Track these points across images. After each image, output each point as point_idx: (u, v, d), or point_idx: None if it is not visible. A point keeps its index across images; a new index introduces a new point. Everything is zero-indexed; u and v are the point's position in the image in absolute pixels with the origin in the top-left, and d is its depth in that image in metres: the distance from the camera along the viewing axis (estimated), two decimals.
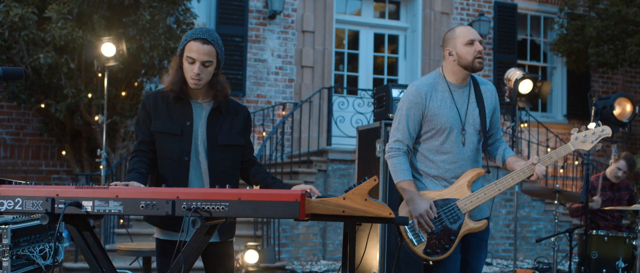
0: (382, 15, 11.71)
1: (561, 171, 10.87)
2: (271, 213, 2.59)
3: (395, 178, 3.46)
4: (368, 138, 5.77)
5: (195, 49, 3.01)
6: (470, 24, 11.48)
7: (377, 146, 5.53)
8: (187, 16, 8.64)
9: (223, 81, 3.16)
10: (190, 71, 3.04)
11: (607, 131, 3.52)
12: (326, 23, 10.82)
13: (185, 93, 3.16)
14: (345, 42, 11.40)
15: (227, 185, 2.71)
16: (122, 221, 7.91)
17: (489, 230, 3.60)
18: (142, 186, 2.89)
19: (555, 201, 5.72)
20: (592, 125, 3.63)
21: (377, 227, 5.46)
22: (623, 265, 5.60)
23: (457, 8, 11.63)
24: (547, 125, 10.99)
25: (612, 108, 7.34)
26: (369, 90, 10.89)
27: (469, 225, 3.43)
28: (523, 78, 7.53)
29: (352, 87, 11.19)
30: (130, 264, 5.21)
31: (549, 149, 10.68)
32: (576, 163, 10.99)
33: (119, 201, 2.63)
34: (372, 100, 10.60)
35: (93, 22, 7.62)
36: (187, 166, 3.12)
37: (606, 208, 6.00)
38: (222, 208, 2.58)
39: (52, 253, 3.49)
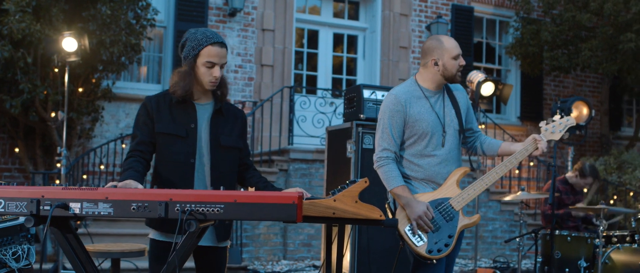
0: (341, 15, 11.73)
1: (517, 172, 11.11)
2: (267, 215, 2.55)
3: (389, 185, 3.54)
4: (338, 138, 5.76)
5: (215, 54, 3.04)
6: (428, 26, 11.62)
7: (348, 146, 5.52)
8: (148, 11, 8.47)
9: (225, 79, 3.20)
10: (209, 75, 3.06)
11: (571, 120, 3.72)
12: (286, 22, 10.77)
13: (188, 95, 3.13)
14: (305, 41, 11.37)
15: (221, 187, 2.67)
16: (79, 221, 7.68)
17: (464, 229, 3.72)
18: (140, 185, 2.81)
19: (518, 207, 5.83)
20: (557, 117, 3.76)
21: (348, 227, 5.46)
22: (585, 265, 5.74)
23: (416, 10, 11.74)
24: (502, 126, 11.21)
25: (570, 111, 7.54)
26: (329, 90, 10.90)
27: (464, 221, 3.58)
28: (485, 81, 7.64)
29: (311, 86, 11.18)
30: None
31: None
32: (531, 164, 11.25)
33: (108, 203, 2.54)
34: (332, 100, 10.63)
35: (51, 16, 7.39)
36: (192, 168, 3.11)
37: (573, 207, 6.14)
38: (217, 210, 2.52)
39: (25, 256, 3.36)
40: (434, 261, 3.51)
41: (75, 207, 2.55)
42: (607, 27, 10.38)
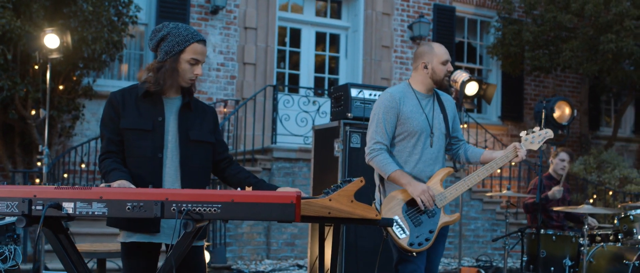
0: (323, 14, 11.71)
1: (498, 171, 11.17)
2: (265, 215, 2.50)
3: (386, 172, 3.67)
4: (325, 137, 5.73)
5: (200, 51, 3.02)
6: (411, 26, 11.65)
7: (336, 145, 5.50)
8: (130, 9, 8.37)
9: None
10: (191, 72, 3.02)
11: (550, 133, 3.96)
12: (269, 20, 10.72)
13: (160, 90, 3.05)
14: (287, 39, 11.33)
15: (212, 186, 2.62)
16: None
17: (448, 227, 3.90)
18: (131, 184, 2.75)
19: (500, 205, 5.85)
20: (536, 128, 3.97)
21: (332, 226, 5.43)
22: (570, 263, 5.78)
23: (398, 9, 11.76)
24: (484, 126, 11.28)
25: (553, 110, 7.58)
26: (311, 89, 10.88)
27: (445, 218, 3.76)
28: (469, 80, 7.67)
29: (293, 85, 11.14)
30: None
31: (487, 149, 10.96)
32: (513, 164, 11.32)
33: (103, 203, 2.49)
34: (314, 99, 10.61)
35: (32, 12, 7.26)
36: (161, 163, 3.01)
37: (556, 209, 6.17)
38: (214, 210, 2.48)
39: (11, 257, 3.28)
40: (414, 254, 3.66)
41: (69, 207, 2.50)
42: (587, 28, 10.48)
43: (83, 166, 8.57)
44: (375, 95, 5.59)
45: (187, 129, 3.06)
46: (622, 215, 5.91)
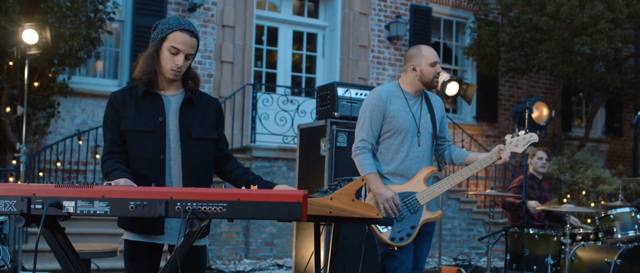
0: (301, 13, 11.68)
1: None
2: (271, 214, 2.47)
3: (362, 171, 3.78)
4: (311, 136, 5.71)
5: (181, 40, 2.88)
6: (388, 26, 11.68)
7: (322, 144, 5.48)
8: (107, 5, 8.24)
9: (195, 72, 3.06)
10: (171, 62, 2.90)
11: (534, 137, 4.01)
12: (247, 18, 10.65)
13: (154, 85, 2.98)
14: (265, 38, 11.27)
15: (221, 185, 2.58)
16: None
17: (434, 224, 4.01)
18: (134, 184, 2.68)
19: (490, 207, 5.90)
20: (521, 132, 4.03)
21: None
22: (552, 262, 5.85)
23: (375, 9, 11.78)
24: (461, 126, 11.37)
25: (531, 111, 7.67)
26: (289, 87, 10.84)
27: (427, 215, 3.84)
28: (450, 80, 7.73)
29: (270, 84, 11.08)
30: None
31: (463, 149, 11.04)
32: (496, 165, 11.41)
33: (105, 202, 2.42)
34: (292, 98, 10.57)
35: (8, 7, 7.10)
36: (163, 164, 2.93)
37: (539, 208, 6.24)
38: (220, 209, 2.43)
39: (0, 257, 3.19)
40: (396, 248, 3.76)
41: (69, 206, 2.43)
42: (562, 30, 10.63)
43: (59, 164, 8.41)
44: (361, 94, 5.58)
45: (189, 127, 2.98)
46: (603, 215, 6.00)
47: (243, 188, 2.76)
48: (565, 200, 10.20)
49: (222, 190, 2.45)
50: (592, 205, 10.04)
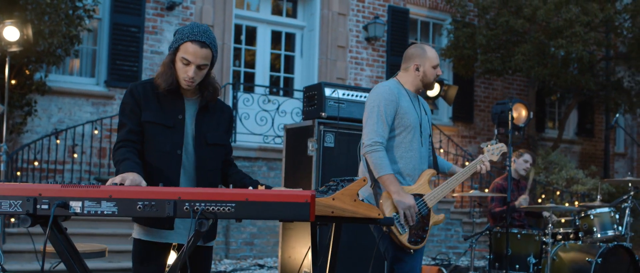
0: (279, 13, 11.66)
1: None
2: (280, 214, 2.48)
3: (379, 171, 3.59)
4: (298, 136, 5.71)
5: (191, 52, 2.87)
6: (366, 26, 11.73)
7: (310, 144, 5.49)
8: (86, 3, 8.13)
9: (213, 81, 3.05)
10: (184, 73, 2.91)
11: (504, 147, 4.20)
12: (225, 17, 10.61)
13: (174, 87, 2.99)
14: (243, 38, 11.24)
15: (224, 185, 2.58)
16: (13, 220, 7.31)
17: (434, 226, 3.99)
18: (143, 180, 2.67)
19: (476, 209, 5.97)
20: (494, 141, 4.21)
21: (308, 225, 5.42)
22: (534, 261, 5.95)
23: (354, 10, 11.82)
24: (439, 127, 11.47)
25: (510, 112, 7.78)
26: (267, 87, 10.83)
27: (435, 217, 3.82)
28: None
29: (248, 83, 11.05)
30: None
31: (441, 150, 11.16)
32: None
33: (112, 202, 2.41)
34: (269, 97, 10.55)
35: None
36: (179, 160, 2.96)
37: (523, 207, 6.34)
38: (228, 209, 2.43)
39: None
40: (412, 251, 3.67)
41: (76, 206, 2.41)
42: (538, 32, 10.79)
43: (36, 164, 8.28)
44: (349, 95, 5.61)
45: (205, 132, 3.02)
46: (583, 215, 6.12)
47: (250, 188, 2.77)
48: (539, 200, 10.40)
49: (231, 190, 2.45)
50: (567, 205, 10.22)
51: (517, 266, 5.97)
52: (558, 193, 10.70)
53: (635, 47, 11.03)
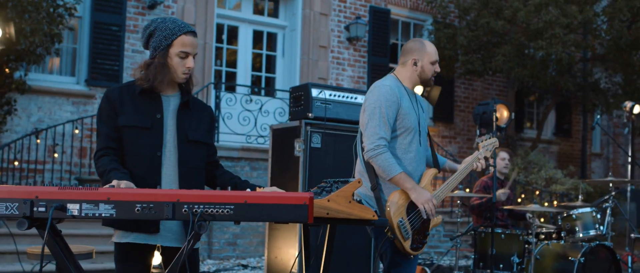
0: (261, 13, 11.64)
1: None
2: (278, 216, 2.48)
3: (390, 173, 3.48)
4: (284, 137, 5.71)
5: (189, 43, 2.94)
6: (348, 27, 11.75)
7: (297, 145, 5.49)
8: (67, 1, 8.04)
9: (192, 73, 3.08)
10: (182, 66, 2.94)
11: (496, 142, 4.12)
12: (208, 17, 10.56)
13: (154, 87, 2.98)
14: (225, 37, 11.20)
15: (225, 188, 2.58)
16: None
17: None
18: (134, 185, 2.66)
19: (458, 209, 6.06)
20: (489, 136, 4.12)
21: (296, 227, 5.43)
22: (517, 260, 6.01)
23: (335, 10, 11.84)
24: None
25: (492, 113, 7.85)
26: (249, 86, 10.80)
27: (434, 220, 3.70)
28: None
29: (229, 83, 11.02)
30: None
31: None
32: None
33: (110, 204, 2.39)
34: (251, 97, 10.53)
35: None
36: (159, 162, 2.93)
37: (506, 207, 6.40)
38: (227, 211, 2.43)
39: None
40: (412, 256, 3.62)
41: (74, 209, 2.39)
42: (519, 34, 10.90)
43: (16, 163, 8.18)
44: (336, 95, 5.62)
45: (186, 129, 3.00)
46: (565, 215, 6.20)
47: (249, 190, 2.76)
48: (519, 200, 10.51)
49: (230, 192, 2.45)
50: (546, 204, 10.34)
51: (501, 265, 6.04)
52: (537, 192, 10.83)
53: (613, 49, 11.20)
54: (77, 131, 8.94)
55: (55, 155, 8.81)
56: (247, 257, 8.83)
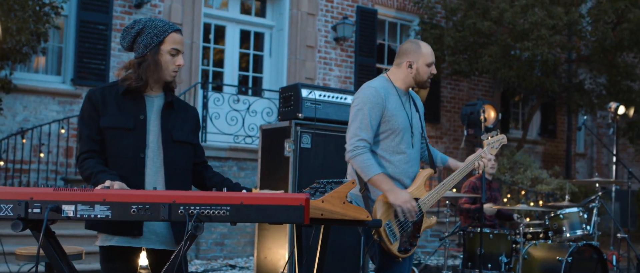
0: (248, 12, 11.62)
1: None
2: (275, 217, 2.49)
3: (368, 174, 3.46)
4: (274, 137, 5.71)
5: (179, 41, 2.96)
6: (335, 27, 11.76)
7: (287, 145, 5.50)
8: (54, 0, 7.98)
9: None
10: (173, 64, 2.94)
11: (505, 139, 4.00)
12: (195, 16, 10.52)
13: (144, 86, 2.96)
14: (212, 36, 11.17)
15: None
16: None
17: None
18: (127, 187, 2.64)
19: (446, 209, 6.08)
20: (494, 133, 4.01)
21: (286, 227, 5.43)
22: (505, 260, 6.06)
23: (322, 10, 11.84)
24: None
25: (480, 114, 7.91)
26: (236, 86, 10.78)
27: (427, 222, 3.66)
28: None
29: (216, 82, 10.99)
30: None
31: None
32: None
33: (106, 205, 2.38)
34: (238, 97, 10.51)
35: None
36: (143, 163, 2.91)
37: (495, 207, 6.44)
38: (223, 212, 2.43)
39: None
40: (400, 259, 3.55)
41: (69, 210, 2.38)
42: (505, 35, 10.97)
43: (1, 163, 8.10)
44: (326, 96, 5.63)
45: (170, 129, 2.97)
46: (552, 215, 6.25)
47: (244, 191, 2.76)
48: (505, 200, 10.58)
49: (226, 193, 2.45)
50: (531, 204, 10.42)
51: (490, 265, 6.07)
52: (523, 192, 10.90)
53: (598, 51, 11.30)
54: (63, 131, 8.88)
55: (41, 155, 8.74)
56: (235, 257, 8.81)
